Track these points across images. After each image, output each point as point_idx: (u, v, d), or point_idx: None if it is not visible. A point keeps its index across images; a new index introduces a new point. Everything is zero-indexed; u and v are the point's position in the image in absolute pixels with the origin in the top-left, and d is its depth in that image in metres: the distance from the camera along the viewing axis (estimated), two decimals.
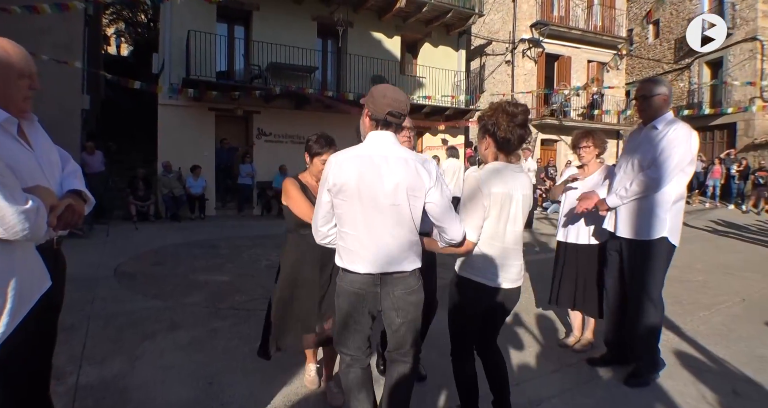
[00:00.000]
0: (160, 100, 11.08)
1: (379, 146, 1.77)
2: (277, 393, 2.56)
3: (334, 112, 12.21)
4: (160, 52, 11.52)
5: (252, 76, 11.62)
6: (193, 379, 2.71)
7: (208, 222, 10.33)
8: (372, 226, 1.74)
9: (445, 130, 14.74)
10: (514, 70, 16.97)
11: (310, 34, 12.53)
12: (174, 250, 6.77)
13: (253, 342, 3.23)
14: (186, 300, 4.27)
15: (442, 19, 13.57)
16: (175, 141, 11.06)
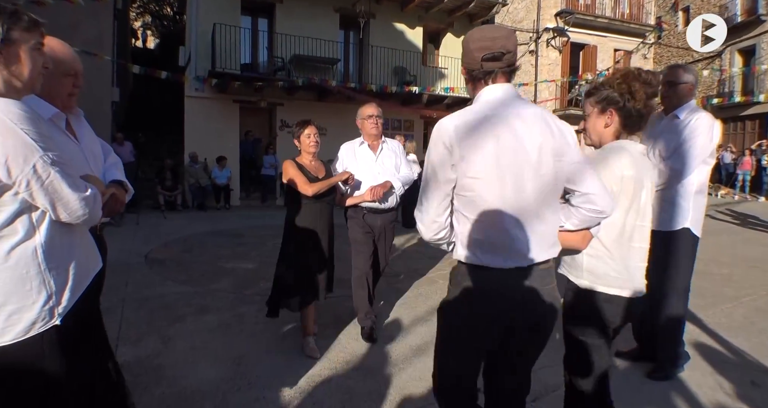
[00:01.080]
0: (186, 93, 11.34)
1: (502, 103, 1.38)
2: (302, 375, 2.67)
3: (356, 103, 12.24)
4: (187, 45, 11.76)
5: (275, 68, 11.76)
6: (221, 359, 2.85)
7: (233, 212, 10.57)
8: (515, 205, 1.34)
9: None
10: (537, 59, 16.72)
11: (332, 26, 12.59)
12: (201, 238, 6.99)
13: (277, 327, 3.38)
14: (213, 286, 4.44)
15: (465, 8, 13.43)
16: (201, 132, 11.32)
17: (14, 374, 1.17)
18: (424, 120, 14.36)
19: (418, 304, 4.00)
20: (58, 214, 1.17)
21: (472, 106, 1.41)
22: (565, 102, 16.42)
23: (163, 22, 25.87)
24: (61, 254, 1.23)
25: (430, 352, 2.97)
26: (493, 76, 1.41)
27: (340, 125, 12.22)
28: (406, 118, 13.90)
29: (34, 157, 1.09)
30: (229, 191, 11.13)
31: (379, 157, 3.29)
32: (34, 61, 1.20)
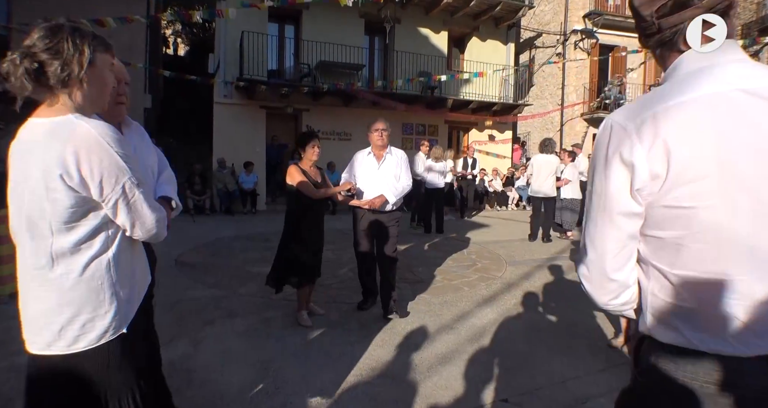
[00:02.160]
0: (215, 99, 11.60)
1: (715, 76, 0.86)
2: (328, 381, 2.69)
3: (381, 108, 12.33)
4: (216, 52, 12.03)
5: (301, 74, 11.92)
6: (249, 363, 2.89)
7: (259, 216, 10.73)
8: (756, 248, 0.81)
9: (492, 125, 14.53)
10: (565, 63, 16.46)
11: (357, 32, 12.69)
12: (229, 242, 7.12)
13: (303, 331, 3.41)
14: (241, 290, 4.52)
15: (491, 12, 13.36)
16: (228, 138, 11.55)
17: (80, 380, 1.24)
18: (449, 125, 14.32)
19: (443, 311, 3.98)
20: (135, 231, 1.27)
21: (662, 87, 0.91)
22: (594, 105, 16.11)
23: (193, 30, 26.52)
24: (126, 267, 1.31)
25: (456, 361, 2.98)
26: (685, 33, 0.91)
27: (364, 131, 12.28)
28: (431, 123, 13.88)
29: (123, 178, 1.18)
30: (255, 196, 11.30)
31: (381, 166, 3.79)
32: (109, 80, 1.28)
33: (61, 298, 1.19)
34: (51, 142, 1.11)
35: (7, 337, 3.10)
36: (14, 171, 1.18)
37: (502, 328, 3.62)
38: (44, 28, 1.14)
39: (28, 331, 1.23)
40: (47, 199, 1.13)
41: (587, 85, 16.29)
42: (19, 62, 1.10)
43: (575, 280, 5.13)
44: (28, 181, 1.15)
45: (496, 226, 9.65)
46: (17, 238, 1.22)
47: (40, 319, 1.21)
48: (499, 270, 5.57)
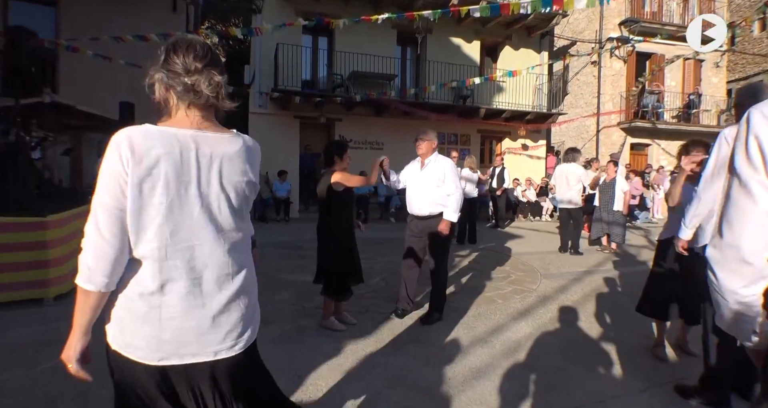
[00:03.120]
0: (250, 109, 11.89)
1: None
2: (361, 389, 2.68)
3: (412, 118, 12.37)
4: (251, 64, 12.35)
5: (334, 85, 12.10)
6: (283, 371, 2.91)
7: (292, 224, 10.88)
8: None
9: (526, 134, 14.35)
10: (600, 70, 16.13)
11: (390, 43, 12.80)
12: (262, 249, 7.20)
13: (336, 340, 3.42)
14: (275, 297, 4.58)
15: (523, 21, 13.27)
16: (263, 147, 11.58)
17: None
18: (482, 134, 14.21)
19: (477, 324, 3.91)
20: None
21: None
22: (631, 114, 15.68)
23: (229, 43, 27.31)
24: None
25: (491, 375, 2.92)
26: None
27: (395, 141, 12.36)
28: (463, 133, 13.81)
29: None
30: (288, 204, 11.47)
31: (423, 172, 3.99)
32: None
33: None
34: (254, 153, 1.39)
35: (53, 338, 3.23)
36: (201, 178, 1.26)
37: (537, 343, 3.53)
38: (205, 44, 1.25)
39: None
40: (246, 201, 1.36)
41: (623, 94, 15.90)
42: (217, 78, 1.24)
43: (614, 294, 4.98)
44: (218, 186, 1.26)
45: (530, 237, 9.48)
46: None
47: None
48: (534, 282, 5.45)
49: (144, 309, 1.19)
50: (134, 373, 1.22)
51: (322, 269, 3.66)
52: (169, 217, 1.17)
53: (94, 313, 1.20)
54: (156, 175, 1.15)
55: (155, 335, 1.20)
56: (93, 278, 1.14)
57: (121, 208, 1.14)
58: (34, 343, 3.20)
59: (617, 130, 15.99)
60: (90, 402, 2.45)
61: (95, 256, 1.14)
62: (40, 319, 3.64)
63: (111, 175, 1.13)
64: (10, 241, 3.92)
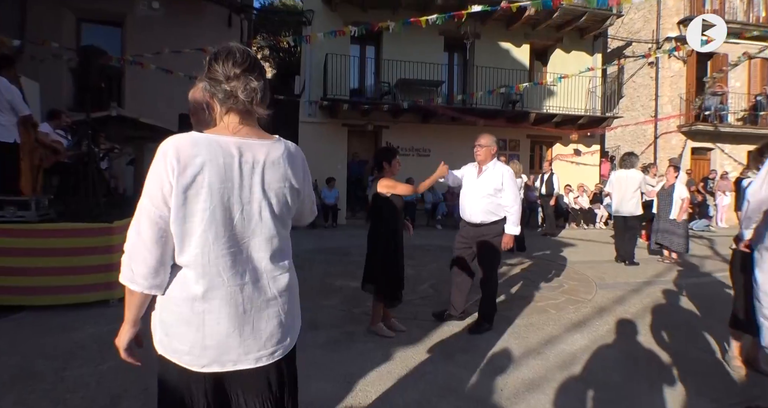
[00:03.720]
0: (300, 118, 12.21)
1: None
2: (411, 398, 2.65)
3: (460, 124, 12.26)
4: (301, 74, 12.69)
5: (382, 92, 12.21)
6: (332, 375, 2.93)
7: (340, 230, 11.01)
8: None
9: (579, 139, 13.87)
10: (658, 72, 15.37)
11: (437, 49, 12.79)
12: (311, 255, 7.35)
13: (385, 346, 3.41)
14: (324, 302, 4.63)
15: (575, 23, 12.88)
16: (312, 155, 12.01)
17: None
18: (531, 139, 13.87)
19: (529, 334, 3.79)
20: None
21: None
22: (692, 117, 14.82)
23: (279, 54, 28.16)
24: None
25: (545, 388, 2.81)
26: None
27: (443, 147, 12.28)
28: (512, 138, 13.54)
29: None
30: (336, 210, 11.63)
31: (480, 178, 3.91)
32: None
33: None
34: (297, 158, 1.39)
35: None
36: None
37: (594, 356, 3.37)
38: (244, 51, 1.27)
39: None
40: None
41: (683, 96, 15.06)
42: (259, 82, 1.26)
43: (675, 306, 4.68)
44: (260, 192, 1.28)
45: (583, 245, 9.11)
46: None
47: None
48: (589, 293, 5.22)
49: (188, 314, 1.22)
50: (179, 377, 1.26)
51: (370, 275, 3.66)
52: (212, 224, 1.19)
53: (140, 309, 1.26)
54: (200, 182, 1.17)
55: (199, 341, 1.22)
56: (136, 280, 1.19)
57: (163, 217, 1.17)
58: (100, 342, 3.39)
59: (677, 134, 15.15)
60: (151, 398, 2.55)
61: (136, 261, 1.18)
62: (105, 320, 3.85)
63: (156, 183, 1.16)
64: (80, 245, 4.18)
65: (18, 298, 4.04)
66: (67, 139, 6.01)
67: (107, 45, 6.06)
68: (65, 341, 3.37)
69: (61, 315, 3.92)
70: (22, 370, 2.88)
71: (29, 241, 4.07)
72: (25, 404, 2.48)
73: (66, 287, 4.13)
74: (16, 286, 4.03)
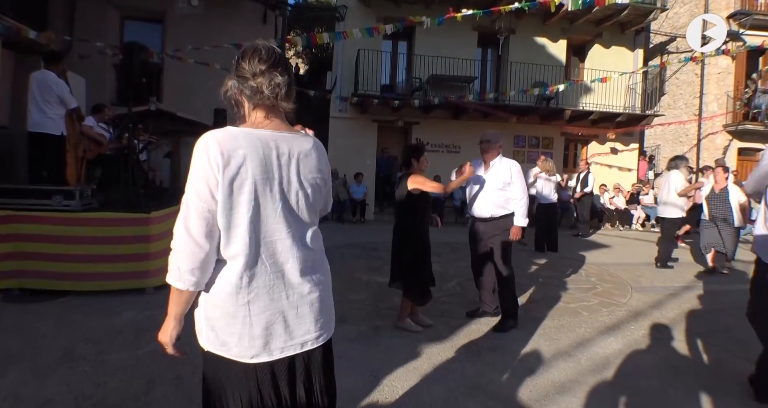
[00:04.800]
0: (331, 114, 12.29)
1: None
2: (437, 395, 2.64)
3: (491, 120, 12.09)
4: (333, 70, 12.77)
5: (413, 88, 12.15)
6: (359, 370, 2.95)
7: (368, 225, 11.06)
8: None
9: (616, 137, 13.46)
10: (704, 68, 14.73)
11: (470, 45, 12.63)
12: (340, 249, 7.41)
13: (412, 343, 3.40)
14: (351, 297, 4.66)
15: (616, 17, 12.47)
16: (342, 150, 12.14)
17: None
18: (566, 137, 13.55)
19: (560, 336, 3.71)
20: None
21: None
22: (740, 115, 14.14)
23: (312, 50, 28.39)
24: None
25: (576, 391, 2.75)
26: None
27: (473, 143, 12.08)
28: (545, 135, 13.26)
29: None
30: (365, 206, 11.68)
31: (488, 173, 3.95)
32: None
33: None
34: (322, 151, 1.42)
35: (152, 325, 3.53)
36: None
37: (628, 361, 3.27)
38: (270, 48, 1.30)
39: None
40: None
41: (731, 94, 14.39)
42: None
43: (716, 313, 4.50)
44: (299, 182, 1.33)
45: (618, 246, 8.85)
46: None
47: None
48: (624, 296, 5.07)
49: (233, 306, 1.24)
50: (229, 370, 1.28)
51: (398, 272, 3.67)
52: (256, 214, 1.23)
53: (185, 306, 1.28)
54: (243, 173, 1.20)
55: (246, 332, 1.25)
56: (182, 277, 1.21)
57: (211, 211, 1.19)
58: (136, 328, 3.52)
59: (722, 134, 14.50)
60: (184, 384, 2.63)
61: (184, 256, 1.20)
62: (141, 307, 3.99)
63: (201, 177, 1.19)
64: (119, 234, 4.34)
65: (63, 283, 4.23)
66: (109, 132, 6.23)
67: (148, 41, 6.22)
68: (105, 326, 3.51)
69: (102, 301, 4.09)
70: (65, 352, 3.02)
71: (74, 229, 4.25)
72: (68, 385, 2.60)
73: (106, 274, 4.31)
74: (62, 271, 4.22)
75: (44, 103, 4.68)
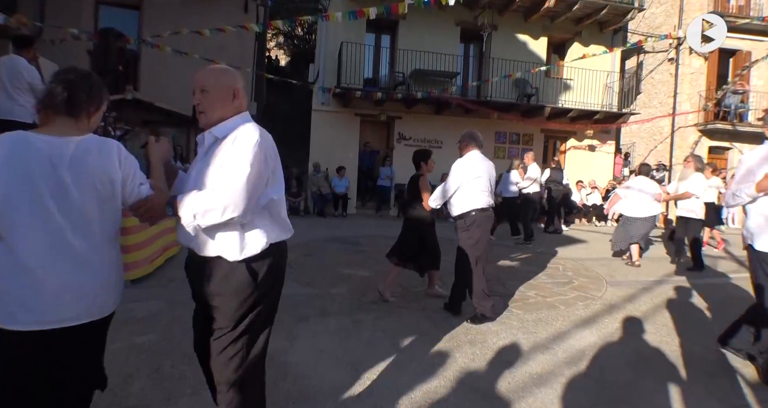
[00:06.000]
0: (313, 107, 12.19)
1: None
2: (418, 390, 2.66)
3: (473, 116, 12.17)
4: (316, 62, 12.65)
5: (396, 82, 12.13)
6: (340, 363, 2.96)
7: (349, 220, 11.04)
8: None
9: (594, 135, 13.71)
10: (678, 68, 15.09)
11: (453, 40, 12.65)
12: (321, 244, 7.39)
13: (393, 337, 3.42)
14: (333, 290, 4.65)
15: (595, 16, 12.65)
16: (324, 143, 12.06)
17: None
18: (545, 134, 13.73)
19: (538, 329, 3.78)
20: None
21: None
22: (711, 115, 14.55)
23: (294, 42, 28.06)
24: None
25: (553, 383, 2.82)
26: None
27: (455, 139, 12.15)
28: (525, 132, 13.41)
29: None
30: (346, 200, 11.65)
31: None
32: None
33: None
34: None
35: (128, 319, 3.45)
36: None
37: (603, 353, 3.36)
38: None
39: None
40: None
41: (703, 93, 14.78)
42: None
43: (687, 306, 4.65)
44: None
45: (594, 242, 9.05)
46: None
47: None
48: (599, 290, 5.19)
49: None
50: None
51: (419, 251, 4.34)
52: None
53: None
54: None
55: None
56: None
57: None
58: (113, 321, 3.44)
59: (694, 132, 14.91)
60: (163, 378, 2.60)
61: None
62: None
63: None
64: None
65: None
66: None
67: (124, 28, 6.07)
68: None
69: None
70: None
71: None
72: None
73: None
74: None
75: (14, 90, 4.50)
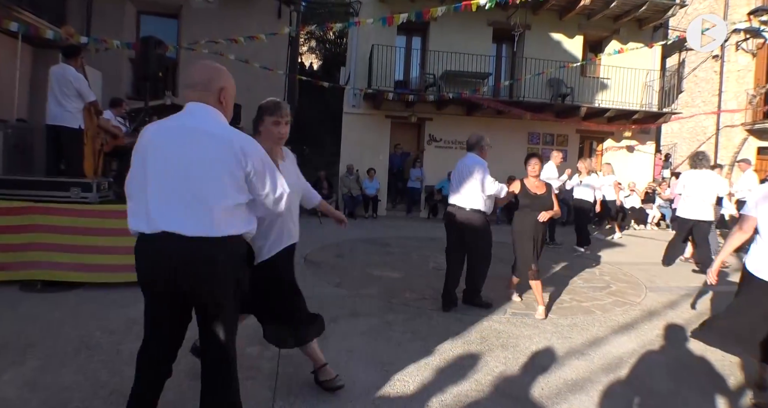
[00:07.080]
0: (344, 109, 12.28)
1: None
2: (449, 392, 2.64)
3: (505, 117, 12.00)
4: (347, 65, 12.75)
5: (426, 84, 12.09)
6: (371, 364, 2.96)
7: (380, 221, 11.06)
8: None
9: (632, 135, 13.28)
10: (723, 65, 14.45)
11: (485, 40, 12.52)
12: (352, 245, 7.43)
13: (423, 338, 3.40)
14: (363, 291, 4.67)
15: (634, 13, 12.25)
16: (355, 145, 12.14)
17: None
18: (581, 134, 13.39)
19: (573, 334, 3.68)
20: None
21: None
22: (760, 113, 13.85)
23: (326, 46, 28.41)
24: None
25: (588, 390, 2.73)
26: None
27: None
28: (560, 132, 13.11)
29: None
30: (377, 201, 11.68)
31: None
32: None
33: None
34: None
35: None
36: None
37: (642, 361, 3.24)
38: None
39: None
40: None
41: (751, 92, 14.09)
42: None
43: None
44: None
45: (633, 246, 8.75)
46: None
47: None
48: (638, 295, 5.02)
49: None
50: None
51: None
52: None
53: None
54: None
55: None
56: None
57: None
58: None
59: (741, 131, 14.22)
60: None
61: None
62: None
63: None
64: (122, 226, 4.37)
65: (79, 274, 4.28)
66: (125, 126, 6.31)
67: (164, 36, 6.29)
68: (121, 317, 3.56)
69: (117, 292, 4.14)
70: (82, 342, 3.07)
71: (90, 220, 4.31)
72: (85, 374, 2.64)
73: (122, 266, 4.33)
74: (78, 263, 4.28)
75: (63, 97, 4.75)
